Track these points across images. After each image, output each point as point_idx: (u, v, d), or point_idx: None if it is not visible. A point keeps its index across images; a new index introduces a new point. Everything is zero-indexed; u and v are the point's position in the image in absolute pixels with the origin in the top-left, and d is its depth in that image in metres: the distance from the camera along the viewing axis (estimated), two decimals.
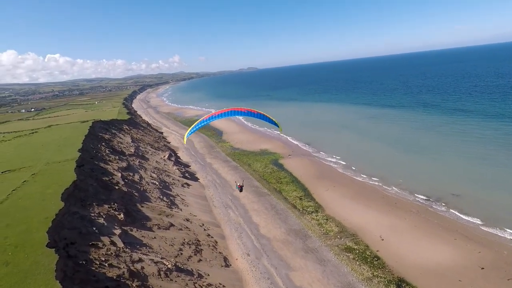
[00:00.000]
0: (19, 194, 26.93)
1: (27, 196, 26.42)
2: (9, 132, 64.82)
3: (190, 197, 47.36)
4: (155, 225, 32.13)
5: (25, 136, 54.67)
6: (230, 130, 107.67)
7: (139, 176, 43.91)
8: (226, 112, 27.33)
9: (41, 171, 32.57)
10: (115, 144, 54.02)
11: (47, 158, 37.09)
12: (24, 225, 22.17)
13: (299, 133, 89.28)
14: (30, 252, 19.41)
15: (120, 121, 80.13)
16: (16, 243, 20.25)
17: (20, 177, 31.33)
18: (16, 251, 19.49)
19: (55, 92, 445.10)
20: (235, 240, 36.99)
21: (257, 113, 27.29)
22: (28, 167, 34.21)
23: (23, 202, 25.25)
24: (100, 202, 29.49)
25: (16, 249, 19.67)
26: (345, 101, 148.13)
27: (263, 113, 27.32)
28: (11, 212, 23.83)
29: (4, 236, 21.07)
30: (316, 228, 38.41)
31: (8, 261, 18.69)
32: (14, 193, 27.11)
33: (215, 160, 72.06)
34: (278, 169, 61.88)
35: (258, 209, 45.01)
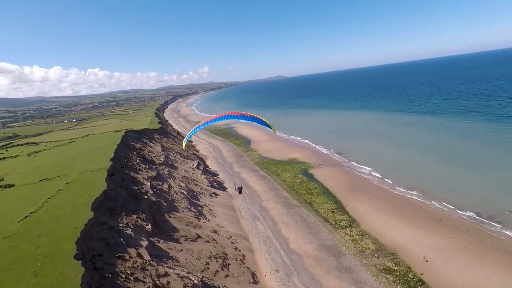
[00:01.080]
0: (53, 202, 27.43)
1: (60, 205, 26.82)
2: (51, 142, 68.55)
3: (217, 207, 46.56)
4: (182, 237, 31.45)
5: (63, 146, 57.36)
6: (258, 138, 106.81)
7: (168, 185, 43.90)
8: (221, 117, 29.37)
9: (75, 180, 33.30)
10: (145, 153, 54.95)
11: (81, 167, 38.09)
12: (55, 234, 22.25)
13: (329, 142, 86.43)
14: (58, 263, 19.24)
15: (151, 131, 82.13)
16: (46, 253, 20.24)
17: (55, 185, 32.18)
18: (45, 262, 19.41)
19: (95, 104, 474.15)
20: (264, 255, 35.38)
21: (250, 116, 28.59)
22: (63, 175, 35.22)
23: (56, 211, 25.58)
24: (128, 212, 29.35)
25: (45, 260, 19.62)
26: (376, 108, 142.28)
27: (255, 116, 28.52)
28: (44, 221, 24.14)
29: (36, 245, 21.20)
30: (351, 244, 35.78)
31: (37, 272, 18.61)
32: (49, 202, 27.66)
33: (243, 169, 71.21)
34: (308, 179, 59.64)
35: (288, 222, 43.12)
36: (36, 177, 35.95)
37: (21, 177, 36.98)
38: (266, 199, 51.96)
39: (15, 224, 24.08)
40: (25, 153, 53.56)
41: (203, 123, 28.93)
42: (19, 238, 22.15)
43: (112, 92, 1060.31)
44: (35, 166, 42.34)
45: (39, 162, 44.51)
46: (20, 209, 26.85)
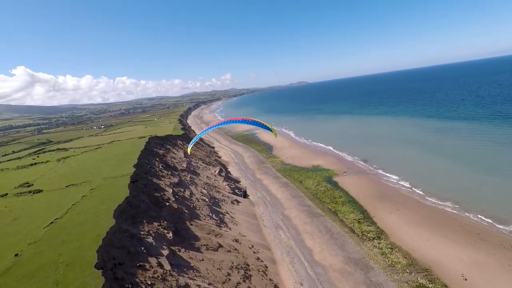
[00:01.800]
0: (77, 209, 27.70)
1: (83, 211, 27.01)
2: (79, 148, 71.08)
3: (239, 215, 45.72)
4: (203, 246, 30.79)
5: (90, 152, 59.10)
6: (280, 144, 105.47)
7: (190, 192, 43.67)
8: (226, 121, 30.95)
9: (99, 186, 33.71)
10: (168, 159, 55.37)
11: (105, 173, 38.67)
12: (78, 242, 22.22)
13: (354, 149, 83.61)
14: (79, 272, 19.04)
15: (174, 137, 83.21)
16: (68, 261, 20.15)
17: (80, 191, 32.69)
18: (67, 270, 19.28)
19: (122, 111, 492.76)
20: (287, 266, 33.98)
21: (251, 120, 29.80)
22: (88, 181, 35.83)
23: (79, 218, 25.73)
24: (150, 220, 29.12)
25: (67, 268, 19.50)
26: (404, 114, 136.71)
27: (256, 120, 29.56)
28: (68, 228, 24.28)
29: (59, 252, 21.22)
30: (380, 258, 33.61)
31: (58, 281, 18.48)
32: (73, 208, 27.98)
33: (265, 176, 70.14)
34: (332, 187, 57.60)
35: (312, 232, 41.46)
36: (63, 182, 36.87)
37: (50, 183, 38.07)
38: (289, 207, 50.54)
39: (41, 230, 24.39)
40: (55, 159, 55.64)
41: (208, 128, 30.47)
42: (44, 244, 22.31)
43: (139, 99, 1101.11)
44: (63, 171, 43.63)
45: (67, 168, 45.89)
46: (47, 215, 27.30)
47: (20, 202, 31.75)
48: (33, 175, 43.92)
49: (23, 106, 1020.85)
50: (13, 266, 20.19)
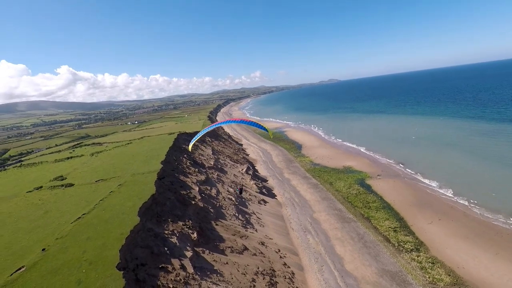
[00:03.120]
0: (104, 205, 27.68)
1: (109, 207, 26.89)
2: (112, 142, 73.37)
3: (266, 216, 44.26)
4: (228, 248, 29.68)
5: (121, 147, 60.52)
6: (310, 143, 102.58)
7: (216, 191, 42.89)
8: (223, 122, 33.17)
9: (127, 182, 33.76)
10: (196, 156, 55.15)
11: (134, 169, 38.87)
12: (102, 239, 21.92)
13: (389, 150, 78.83)
14: (101, 272, 18.57)
15: None
16: (91, 260, 19.81)
17: (109, 187, 32.91)
18: (89, 269, 18.90)
19: (155, 107, 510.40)
20: (315, 274, 31.98)
21: (248, 121, 30.82)
22: (117, 177, 36.13)
23: (105, 214, 25.58)
24: (175, 219, 28.49)
25: (90, 267, 19.13)
26: (444, 114, 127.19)
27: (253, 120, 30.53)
28: (94, 224, 24.16)
29: (83, 249, 21.00)
30: (419, 273, 30.54)
31: (80, 280, 18.10)
32: (100, 204, 28.00)
33: (294, 176, 68.03)
34: (365, 190, 54.32)
35: (342, 238, 38.98)
36: (94, 177, 37.52)
37: (81, 177, 38.98)
38: (318, 210, 48.24)
39: (69, 225, 24.49)
40: (89, 153, 57.58)
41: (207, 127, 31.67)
42: (70, 240, 22.26)
43: (171, 96, 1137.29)
44: (94, 166, 44.69)
45: (99, 162, 47.01)
46: (75, 209, 27.55)
47: (53, 195, 32.55)
48: (68, 169, 45.47)
49: (66, 102, 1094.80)
50: (40, 261, 20.21)
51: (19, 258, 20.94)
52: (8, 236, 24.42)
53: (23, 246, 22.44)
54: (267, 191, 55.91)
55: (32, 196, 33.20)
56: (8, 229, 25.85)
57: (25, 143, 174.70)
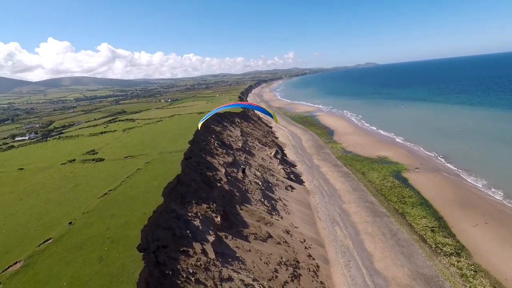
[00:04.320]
0: (130, 182, 27.62)
1: (135, 185, 26.76)
2: (144, 119, 74.79)
3: (292, 203, 42.80)
4: (251, 234, 28.73)
5: (152, 124, 61.28)
6: (343, 130, 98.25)
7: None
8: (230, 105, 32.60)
9: (154, 160, 33.62)
10: (224, 137, 54.35)
11: (161, 147, 38.77)
12: (125, 218, 21.72)
13: (430, 142, 73.04)
14: (122, 251, 18.27)
15: (232, 114, 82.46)
16: (113, 238, 19.63)
17: (136, 164, 32.98)
18: (111, 248, 18.69)
19: (188, 86, 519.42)
20: (341, 269, 30.30)
21: (255, 105, 30.71)
22: (145, 154, 36.19)
23: (131, 192, 25.45)
24: (199, 201, 27.85)
25: (111, 245, 18.93)
26: (497, 105, 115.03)
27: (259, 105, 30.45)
28: (119, 201, 24.09)
29: (107, 226, 20.91)
30: (458, 281, 27.75)
31: (102, 257, 17.92)
32: (127, 181, 27.99)
33: (324, 162, 65.44)
34: (401, 184, 50.77)
35: (373, 233, 36.64)
36: (123, 153, 37.96)
37: (112, 152, 39.68)
38: (348, 201, 45.88)
39: (95, 200, 24.65)
40: (121, 129, 58.94)
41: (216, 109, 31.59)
42: (95, 216, 22.33)
43: (203, 76, 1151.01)
44: (124, 142, 45.41)
45: (129, 138, 47.76)
46: (103, 185, 27.79)
47: (84, 169, 33.29)
48: (100, 143, 46.69)
49: (106, 79, 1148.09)
50: (66, 235, 20.41)
51: (48, 229, 21.35)
52: (40, 206, 25.16)
53: (52, 218, 22.91)
54: (295, 177, 54.19)
55: (65, 169, 34.24)
56: (41, 199, 26.69)
57: (67, 116, 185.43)
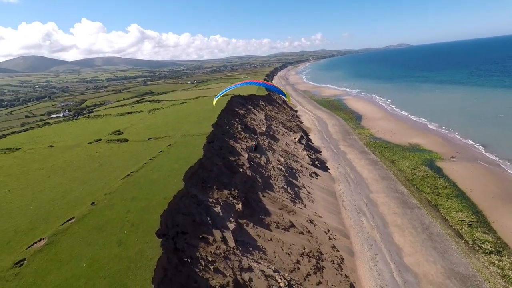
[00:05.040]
0: (152, 164, 27.33)
1: (157, 168, 26.41)
2: (169, 100, 75.01)
3: (317, 191, 41.32)
4: (273, 223, 27.79)
5: (177, 106, 61.15)
6: (371, 115, 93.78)
7: (266, 159, 40.77)
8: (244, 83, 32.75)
9: (177, 142, 33.17)
10: (248, 121, 53.11)
11: (185, 130, 38.27)
12: (145, 201, 21.38)
13: (468, 129, 67.83)
14: (141, 236, 17.89)
15: (257, 97, 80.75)
16: (133, 221, 19.33)
17: (159, 146, 32.70)
18: (131, 231, 18.38)
19: (214, 68, 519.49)
20: (367, 263, 28.86)
21: (270, 84, 30.72)
22: (168, 136, 35.87)
23: (152, 175, 25.11)
24: (220, 186, 27.12)
25: (131, 229, 18.63)
26: None
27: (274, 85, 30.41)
28: (140, 184, 23.83)
29: (128, 209, 20.67)
30: (499, 281, 25.45)
31: (121, 241, 17.65)
32: (149, 163, 27.73)
33: (351, 149, 62.79)
34: (434, 173, 47.60)
35: (402, 226, 34.59)
36: (147, 135, 37.91)
37: (136, 133, 39.81)
38: (376, 191, 43.68)
39: (118, 181, 24.56)
40: (147, 110, 59.35)
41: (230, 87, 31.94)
42: (117, 197, 22.18)
43: (229, 58, 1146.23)
44: (149, 123, 45.49)
45: (154, 120, 47.84)
46: (126, 166, 27.72)
47: (109, 149, 33.56)
48: (126, 124, 47.16)
49: (135, 59, 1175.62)
50: (88, 215, 20.39)
51: (71, 208, 21.49)
52: (66, 184, 25.53)
53: (76, 197, 23.09)
54: (320, 164, 52.33)
55: (91, 148, 34.75)
56: (67, 177, 27.13)
57: (99, 95, 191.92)
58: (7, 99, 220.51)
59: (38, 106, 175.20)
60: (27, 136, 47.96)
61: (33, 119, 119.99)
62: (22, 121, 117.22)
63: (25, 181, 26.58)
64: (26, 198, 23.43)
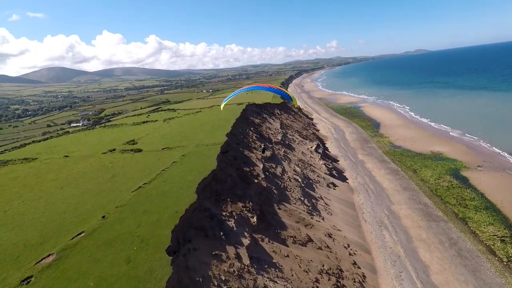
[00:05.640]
0: (165, 176, 26.72)
1: (170, 179, 25.75)
2: (185, 109, 75.33)
3: (335, 202, 39.59)
4: (290, 237, 26.42)
5: (192, 115, 61.08)
6: (390, 122, 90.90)
7: (282, 169, 39.53)
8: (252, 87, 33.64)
9: (190, 153, 32.56)
10: (263, 130, 52.14)
11: (199, 139, 37.71)
12: (157, 215, 20.62)
13: (494, 136, 64.22)
14: (151, 253, 17.04)
15: (272, 105, 79.90)
16: (143, 236, 18.55)
17: (173, 156, 32.17)
18: (140, 248, 17.58)
19: (229, 76, 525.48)
20: (391, 281, 26.90)
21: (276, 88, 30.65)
22: (182, 146, 35.37)
23: (165, 187, 24.45)
24: (234, 199, 26.11)
25: (141, 245, 17.83)
26: None
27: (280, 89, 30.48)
28: (152, 196, 23.17)
29: (138, 223, 19.94)
30: None
31: (130, 258, 16.85)
32: (162, 174, 27.14)
33: (369, 158, 60.57)
34: (460, 184, 44.89)
35: (428, 241, 32.35)
36: (161, 144, 37.58)
37: (150, 143, 39.59)
38: (398, 202, 41.48)
39: (129, 193, 24.02)
40: (162, 119, 59.57)
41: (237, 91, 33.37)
42: (128, 210, 21.55)
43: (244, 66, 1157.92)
44: (163, 133, 45.34)
45: (168, 129, 47.69)
46: (138, 177, 27.23)
47: (122, 159, 33.33)
48: (140, 133, 47.24)
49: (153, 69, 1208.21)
50: (98, 229, 19.80)
51: (82, 221, 21.00)
52: (78, 196, 25.22)
53: (87, 209, 22.65)
54: (338, 173, 50.53)
55: (105, 158, 34.65)
56: (80, 188, 26.87)
57: (117, 105, 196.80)
58: (31, 109, 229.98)
59: (59, 115, 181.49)
60: (45, 146, 48.89)
61: (54, 128, 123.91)
62: (44, 130, 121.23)
63: (38, 192, 26.52)
64: (38, 210, 23.21)
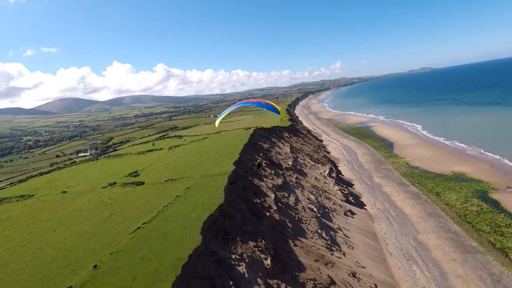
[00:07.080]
0: (167, 213, 24.07)
1: (172, 217, 23.07)
2: (191, 136, 73.68)
3: (355, 233, 35.97)
4: (310, 280, 22.97)
5: (198, 141, 59.11)
6: (403, 141, 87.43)
7: (295, 198, 36.42)
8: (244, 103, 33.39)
9: (195, 185, 30.01)
10: (272, 155, 49.49)
11: (204, 169, 35.25)
12: (156, 263, 17.77)
13: None
14: None
15: (281, 128, 77.77)
16: None
17: (176, 189, 29.66)
18: None
19: (236, 100, 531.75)
20: None
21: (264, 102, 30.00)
22: (186, 177, 32.92)
23: (166, 227, 21.74)
24: (245, 237, 23.11)
25: None
26: None
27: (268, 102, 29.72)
28: (151, 239, 20.43)
29: (134, 275, 17.06)
30: None
31: None
32: (163, 211, 24.52)
33: (386, 180, 56.95)
34: (490, 208, 41.00)
35: (466, 277, 28.34)
36: (164, 176, 35.22)
37: (153, 174, 37.29)
38: (424, 231, 37.63)
39: (126, 236, 21.34)
40: (167, 147, 57.69)
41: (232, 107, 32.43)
42: (123, 258, 18.77)
43: (250, 90, 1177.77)
44: (168, 162, 43.11)
45: (173, 158, 45.52)
46: (138, 215, 24.65)
47: (122, 194, 30.92)
48: (144, 163, 45.11)
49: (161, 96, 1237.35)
50: (88, 283, 16.99)
51: (71, 272, 18.25)
52: (70, 240, 22.62)
53: (78, 257, 19.95)
54: (354, 199, 46.98)
55: (104, 193, 32.29)
56: (73, 230, 24.33)
57: (126, 132, 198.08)
58: (43, 139, 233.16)
59: (69, 145, 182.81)
60: (45, 180, 47.06)
61: (62, 159, 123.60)
62: (52, 161, 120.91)
63: (28, 236, 24.01)
64: (24, 259, 20.59)
